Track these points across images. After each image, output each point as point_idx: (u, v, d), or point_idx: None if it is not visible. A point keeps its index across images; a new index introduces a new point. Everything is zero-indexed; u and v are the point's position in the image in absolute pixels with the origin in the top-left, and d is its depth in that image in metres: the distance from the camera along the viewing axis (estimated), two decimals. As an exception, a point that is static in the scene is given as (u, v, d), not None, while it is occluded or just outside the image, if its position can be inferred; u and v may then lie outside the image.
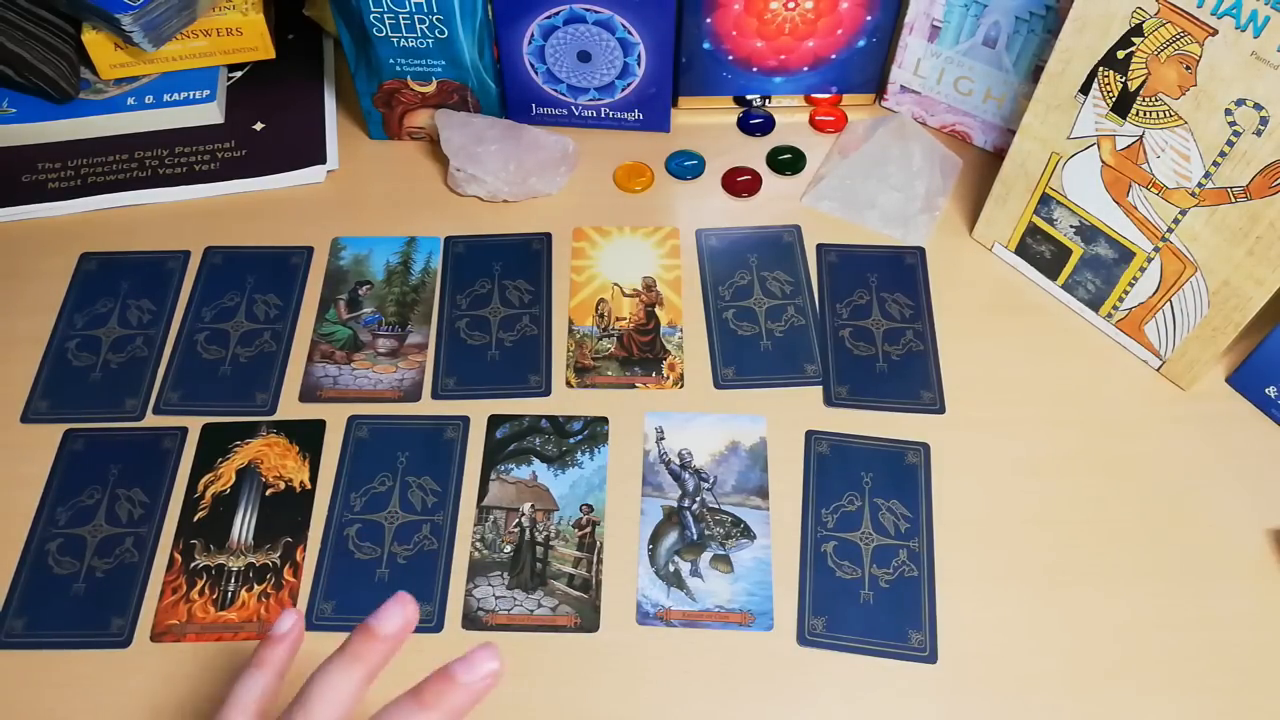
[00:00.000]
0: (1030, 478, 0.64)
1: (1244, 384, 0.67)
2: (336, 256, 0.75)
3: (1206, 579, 0.60)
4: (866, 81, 0.82)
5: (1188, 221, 0.61)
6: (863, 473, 0.64)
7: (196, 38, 0.81)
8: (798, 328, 0.71)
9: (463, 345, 0.71)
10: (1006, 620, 0.59)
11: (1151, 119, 0.60)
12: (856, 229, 0.76)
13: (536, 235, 0.76)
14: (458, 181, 0.77)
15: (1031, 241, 0.72)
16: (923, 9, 0.76)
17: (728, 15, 0.76)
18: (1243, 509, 0.63)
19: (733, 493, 0.64)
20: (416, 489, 0.64)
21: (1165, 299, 0.65)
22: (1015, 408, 0.67)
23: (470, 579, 0.61)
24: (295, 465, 0.65)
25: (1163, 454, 0.65)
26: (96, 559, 0.61)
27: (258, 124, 0.83)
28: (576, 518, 0.63)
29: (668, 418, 0.67)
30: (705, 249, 0.75)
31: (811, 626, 0.59)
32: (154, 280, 0.74)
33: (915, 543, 0.62)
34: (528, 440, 0.66)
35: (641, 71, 0.77)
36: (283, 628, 0.46)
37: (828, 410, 0.67)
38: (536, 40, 0.76)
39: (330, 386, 0.69)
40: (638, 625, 0.59)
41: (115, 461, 0.65)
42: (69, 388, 0.69)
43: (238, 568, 0.61)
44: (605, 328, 0.71)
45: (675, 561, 0.61)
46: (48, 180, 0.79)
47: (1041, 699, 0.56)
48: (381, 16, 0.72)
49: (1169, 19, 0.56)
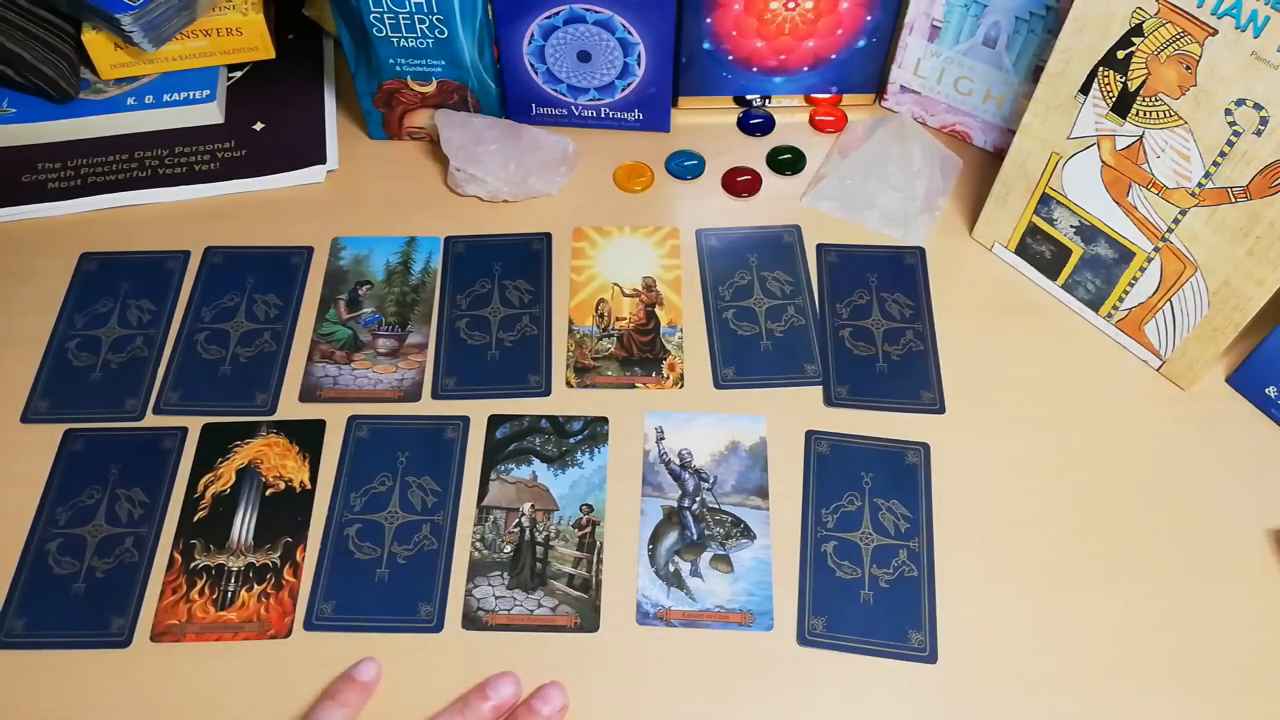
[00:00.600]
0: (1030, 478, 0.64)
1: (1244, 384, 0.67)
2: (336, 256, 0.75)
3: (1206, 579, 0.60)
4: (866, 81, 0.82)
5: (1188, 221, 0.61)
6: (863, 473, 0.64)
7: (196, 38, 0.81)
8: (798, 328, 0.71)
9: (463, 345, 0.71)
10: (1006, 620, 0.59)
11: (1151, 119, 0.60)
12: (856, 229, 0.76)
13: (536, 235, 0.76)
14: (458, 181, 0.77)
15: (1031, 241, 0.72)
16: (923, 9, 0.76)
17: (728, 15, 0.76)
18: (1243, 509, 0.63)
19: (733, 493, 0.64)
20: (416, 489, 0.64)
21: (1165, 299, 0.65)
22: (1015, 408, 0.67)
23: (470, 579, 0.61)
24: (295, 465, 0.65)
25: (1163, 454, 0.65)
26: (96, 559, 0.61)
27: (258, 124, 0.83)
28: (576, 518, 0.63)
29: (668, 418, 0.67)
30: (705, 249, 0.75)
31: (811, 626, 0.59)
32: (154, 280, 0.74)
33: (915, 543, 0.62)
34: (528, 440, 0.66)
35: (641, 71, 0.77)
36: (367, 675, 0.55)
37: (828, 410, 0.67)
38: (536, 40, 0.76)
39: (330, 386, 0.69)
40: (638, 625, 0.59)
41: (115, 461, 0.65)
42: (69, 388, 0.69)
43: (238, 568, 0.61)
44: (605, 328, 0.71)
45: (675, 561, 0.61)
46: (48, 180, 0.79)
47: (1041, 699, 0.56)
48: (381, 16, 0.72)
49: (1169, 19, 0.56)
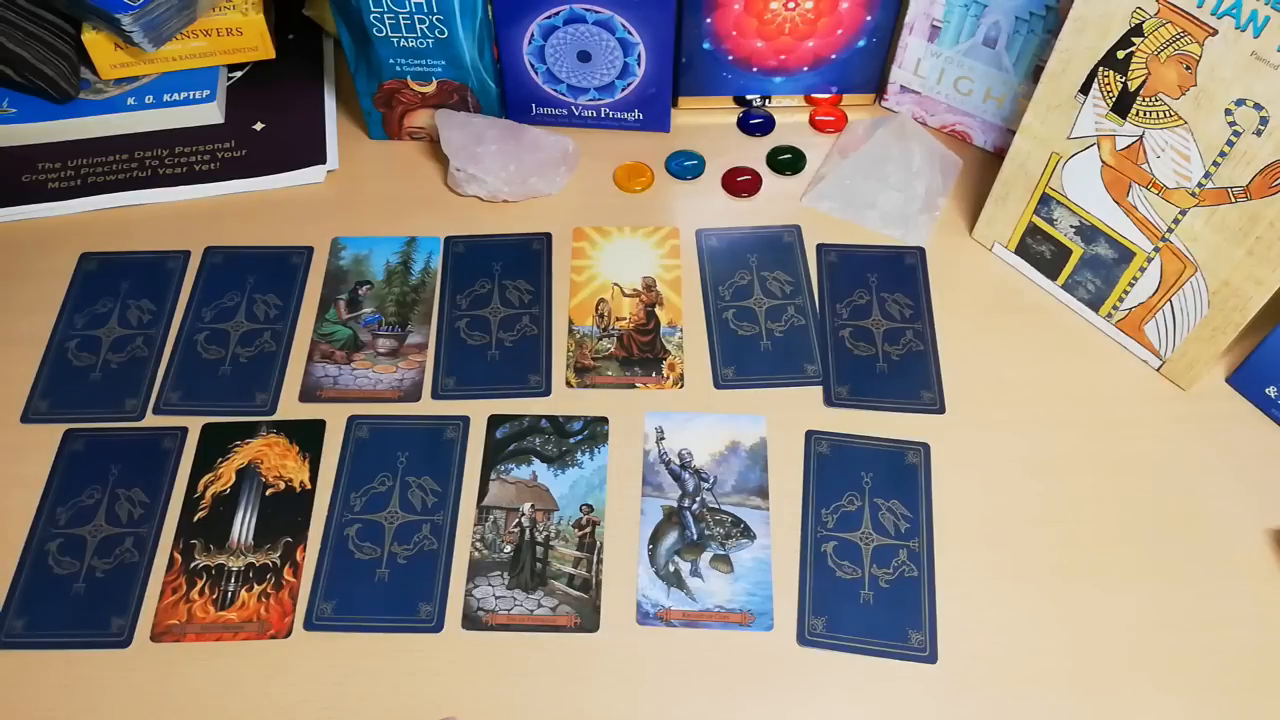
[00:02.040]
0: (1030, 478, 0.64)
1: (1244, 384, 0.67)
2: (336, 256, 0.75)
3: (1206, 579, 0.60)
4: (866, 81, 0.82)
5: (1188, 221, 0.61)
6: (863, 473, 0.64)
7: (196, 38, 0.81)
8: (798, 328, 0.71)
9: (463, 345, 0.71)
10: (1006, 620, 0.59)
11: (1151, 119, 0.60)
12: (856, 229, 0.76)
13: (536, 235, 0.76)
14: (458, 181, 0.77)
15: (1031, 241, 0.72)
16: (923, 9, 0.76)
17: (728, 15, 0.76)
18: (1243, 509, 0.63)
19: (733, 493, 0.64)
20: (416, 489, 0.64)
21: (1165, 299, 0.65)
22: (1015, 408, 0.67)
23: (470, 579, 0.61)
24: (295, 465, 0.65)
25: (1163, 454, 0.65)
26: (96, 559, 0.61)
27: (258, 124, 0.83)
28: (576, 518, 0.63)
29: (668, 418, 0.67)
30: (705, 249, 0.75)
31: (811, 626, 0.59)
32: (154, 280, 0.74)
33: (915, 543, 0.62)
34: (528, 440, 0.66)
35: (641, 71, 0.77)
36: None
37: (828, 410, 0.67)
38: (536, 40, 0.76)
39: (330, 386, 0.69)
40: (638, 625, 0.59)
41: (115, 461, 0.65)
42: (69, 388, 0.69)
43: (238, 568, 0.61)
44: (605, 328, 0.71)
45: (675, 561, 0.61)
46: (48, 180, 0.79)
47: (1041, 698, 0.56)
48: (381, 16, 0.72)
49: (1169, 19, 0.56)
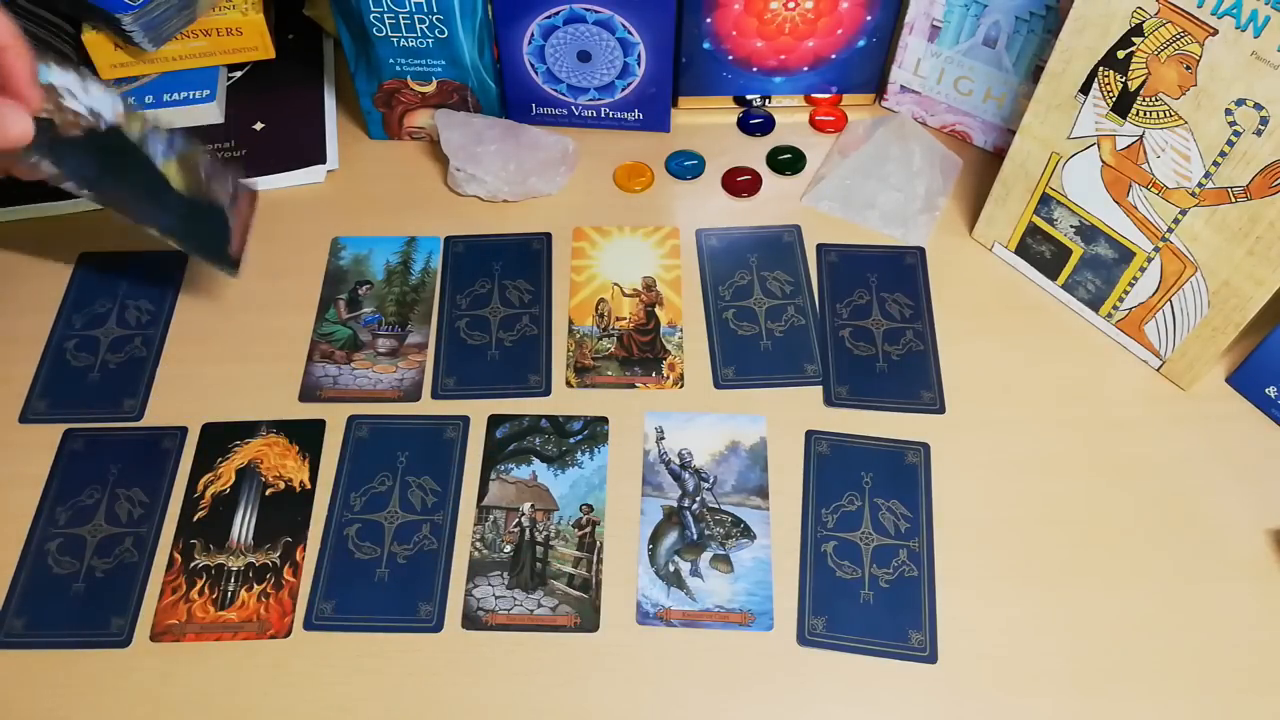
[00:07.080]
0: (1030, 478, 0.64)
1: (1244, 384, 0.67)
2: (336, 256, 0.75)
3: (1206, 579, 0.60)
4: (866, 81, 0.82)
5: (1188, 221, 0.61)
6: (863, 473, 0.64)
7: (196, 38, 0.81)
8: (798, 328, 0.71)
9: (463, 345, 0.71)
10: (1006, 620, 0.59)
11: (1151, 119, 0.60)
12: (856, 229, 0.76)
13: (536, 235, 0.76)
14: (458, 181, 0.77)
15: (1031, 241, 0.72)
16: (923, 9, 0.76)
17: (728, 15, 0.76)
18: (1243, 509, 0.63)
19: (733, 493, 0.64)
20: (416, 489, 0.64)
21: (1165, 299, 0.65)
22: (1015, 408, 0.67)
23: (470, 579, 0.61)
24: (295, 465, 0.65)
25: (1163, 454, 0.65)
26: (96, 559, 0.61)
27: (258, 124, 0.83)
28: (576, 518, 0.63)
29: (668, 418, 0.67)
30: (705, 249, 0.75)
31: (811, 626, 0.59)
32: (152, 280, 0.74)
33: (915, 543, 0.62)
34: (528, 440, 0.66)
35: (641, 71, 0.77)
36: None
37: (828, 410, 0.67)
38: (536, 40, 0.76)
39: (330, 386, 0.69)
40: (638, 625, 0.59)
41: (115, 461, 0.65)
42: (68, 388, 0.68)
43: (237, 567, 0.61)
44: (605, 328, 0.71)
45: (675, 561, 0.61)
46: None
47: (1041, 698, 0.56)
48: (381, 16, 0.72)
49: (1169, 19, 0.56)
